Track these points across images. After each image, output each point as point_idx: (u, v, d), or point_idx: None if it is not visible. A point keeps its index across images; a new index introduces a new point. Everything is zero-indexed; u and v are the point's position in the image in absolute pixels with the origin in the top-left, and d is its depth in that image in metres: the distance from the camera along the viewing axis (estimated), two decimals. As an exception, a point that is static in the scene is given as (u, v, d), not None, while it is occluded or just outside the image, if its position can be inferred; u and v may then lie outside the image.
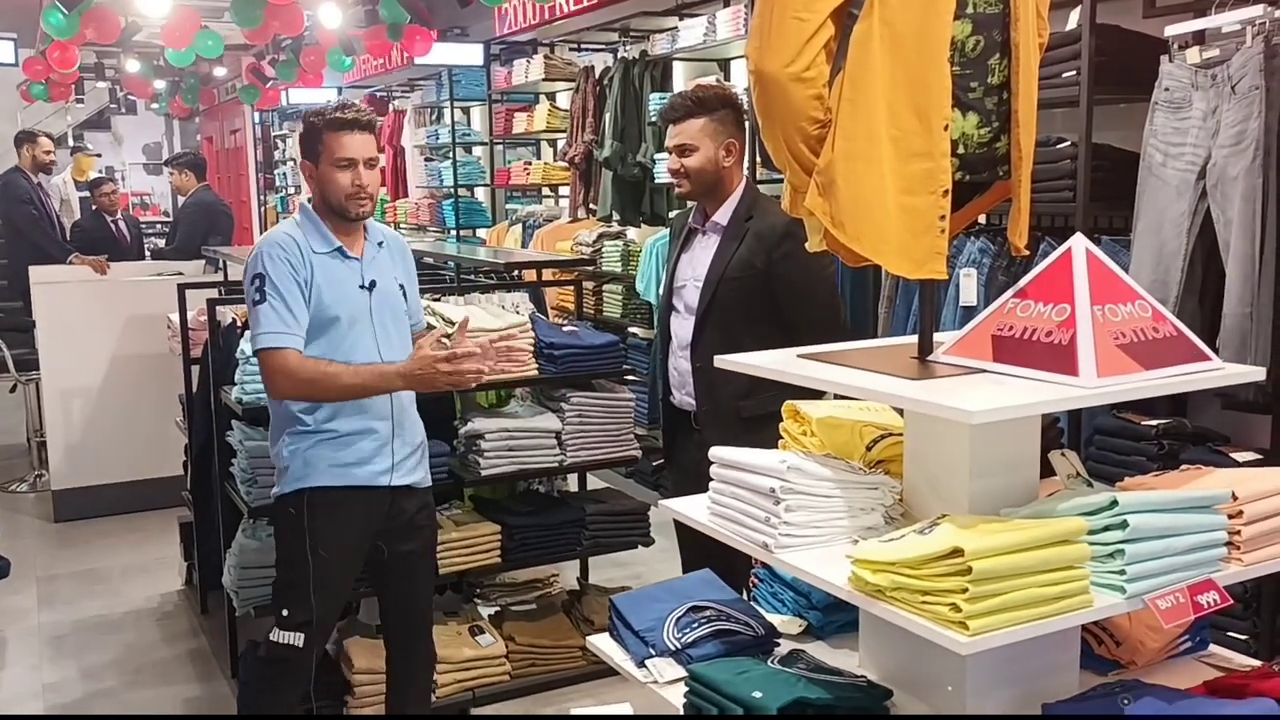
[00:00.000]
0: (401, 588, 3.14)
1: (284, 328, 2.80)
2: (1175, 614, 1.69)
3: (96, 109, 17.02)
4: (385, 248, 3.06)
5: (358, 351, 2.90)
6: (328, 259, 2.92)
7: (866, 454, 2.07)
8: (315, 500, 2.92)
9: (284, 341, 2.80)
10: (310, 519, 2.91)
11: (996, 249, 3.80)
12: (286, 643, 2.92)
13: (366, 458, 2.94)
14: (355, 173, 2.89)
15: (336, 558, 2.95)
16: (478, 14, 7.77)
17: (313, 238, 2.92)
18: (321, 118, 2.93)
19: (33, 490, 6.84)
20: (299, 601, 2.91)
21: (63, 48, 8.13)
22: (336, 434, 2.92)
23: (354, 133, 2.90)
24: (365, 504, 2.97)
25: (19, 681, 4.28)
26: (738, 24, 5.27)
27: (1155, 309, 1.86)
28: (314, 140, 2.92)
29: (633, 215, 6.49)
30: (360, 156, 2.90)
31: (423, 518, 3.13)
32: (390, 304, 3.00)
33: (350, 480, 2.93)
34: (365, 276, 2.96)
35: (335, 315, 2.88)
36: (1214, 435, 3.31)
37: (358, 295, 2.94)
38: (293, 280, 2.83)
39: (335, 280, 2.91)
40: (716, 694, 1.88)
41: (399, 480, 3.01)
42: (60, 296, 6.26)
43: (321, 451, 2.91)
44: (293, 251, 2.86)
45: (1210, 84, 3.14)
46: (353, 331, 2.90)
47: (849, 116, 1.86)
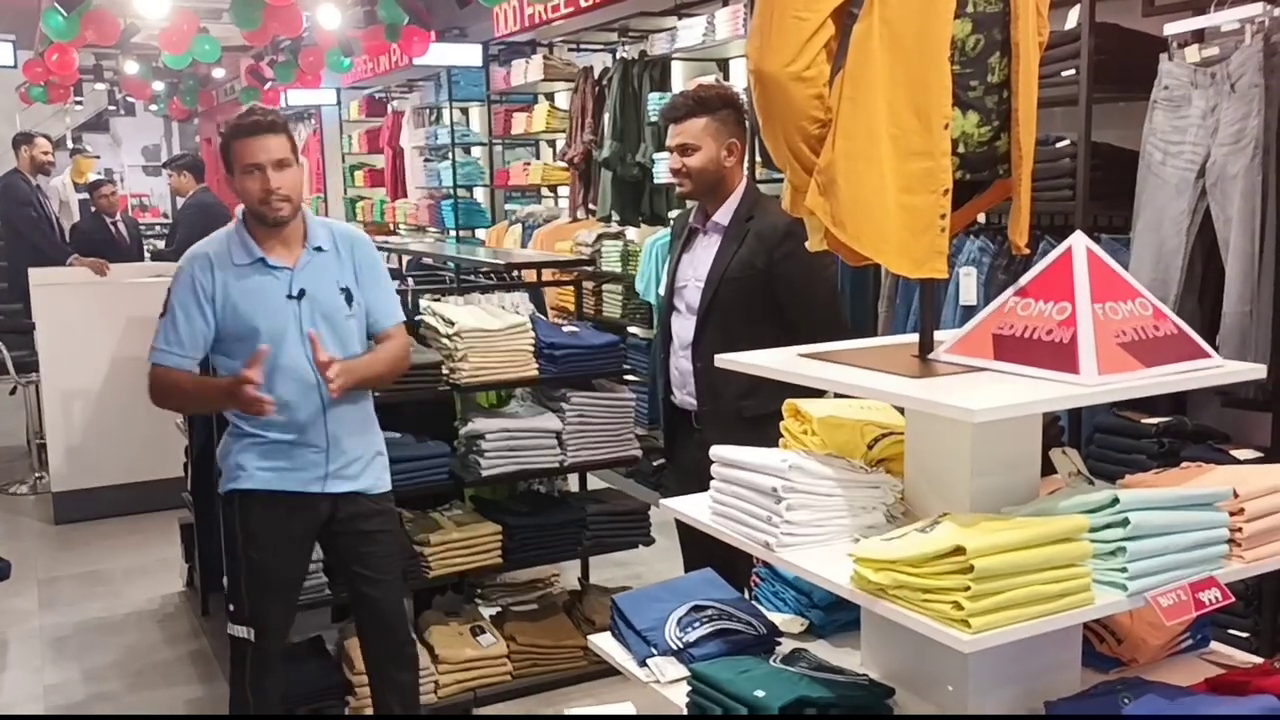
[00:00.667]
0: (367, 593, 3.13)
1: (164, 346, 2.90)
2: (1177, 611, 1.69)
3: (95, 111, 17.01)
4: (330, 252, 3.00)
5: (282, 361, 2.89)
6: (247, 270, 2.91)
7: (868, 453, 2.08)
8: (246, 502, 2.97)
9: (159, 359, 2.90)
10: (242, 520, 2.97)
11: (996, 248, 3.80)
12: (238, 636, 3.00)
13: (296, 464, 2.95)
14: (263, 177, 2.84)
15: (269, 559, 2.99)
16: (476, 14, 7.77)
17: (236, 249, 2.93)
18: (227, 126, 2.94)
19: (33, 492, 6.84)
20: (240, 599, 2.99)
21: (62, 50, 8.14)
22: (266, 440, 2.94)
23: (259, 136, 2.85)
24: (295, 508, 2.98)
25: (20, 683, 4.28)
26: (736, 24, 5.27)
27: (1156, 307, 1.86)
28: (226, 151, 2.91)
29: (632, 215, 6.49)
30: (267, 160, 2.84)
31: (378, 523, 3.10)
32: (324, 311, 2.94)
33: (278, 485, 2.95)
34: (294, 286, 2.93)
35: (253, 326, 2.89)
36: (1214, 433, 3.31)
37: (282, 306, 2.91)
38: (192, 300, 2.88)
39: (254, 292, 2.90)
40: (719, 693, 1.88)
41: (334, 488, 3.00)
42: (60, 298, 6.26)
43: (251, 455, 2.95)
44: (202, 266, 2.90)
45: (1209, 82, 3.14)
46: (274, 343, 2.88)
47: (849, 115, 1.86)
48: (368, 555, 3.09)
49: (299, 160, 2.95)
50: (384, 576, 3.13)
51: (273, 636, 3.05)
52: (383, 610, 3.15)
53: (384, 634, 3.18)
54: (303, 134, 13.68)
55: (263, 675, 3.04)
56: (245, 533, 2.97)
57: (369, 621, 3.18)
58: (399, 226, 10.65)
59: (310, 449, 2.95)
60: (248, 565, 2.98)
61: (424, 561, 3.83)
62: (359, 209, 11.99)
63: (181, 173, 8.03)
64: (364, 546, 3.08)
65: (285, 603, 3.09)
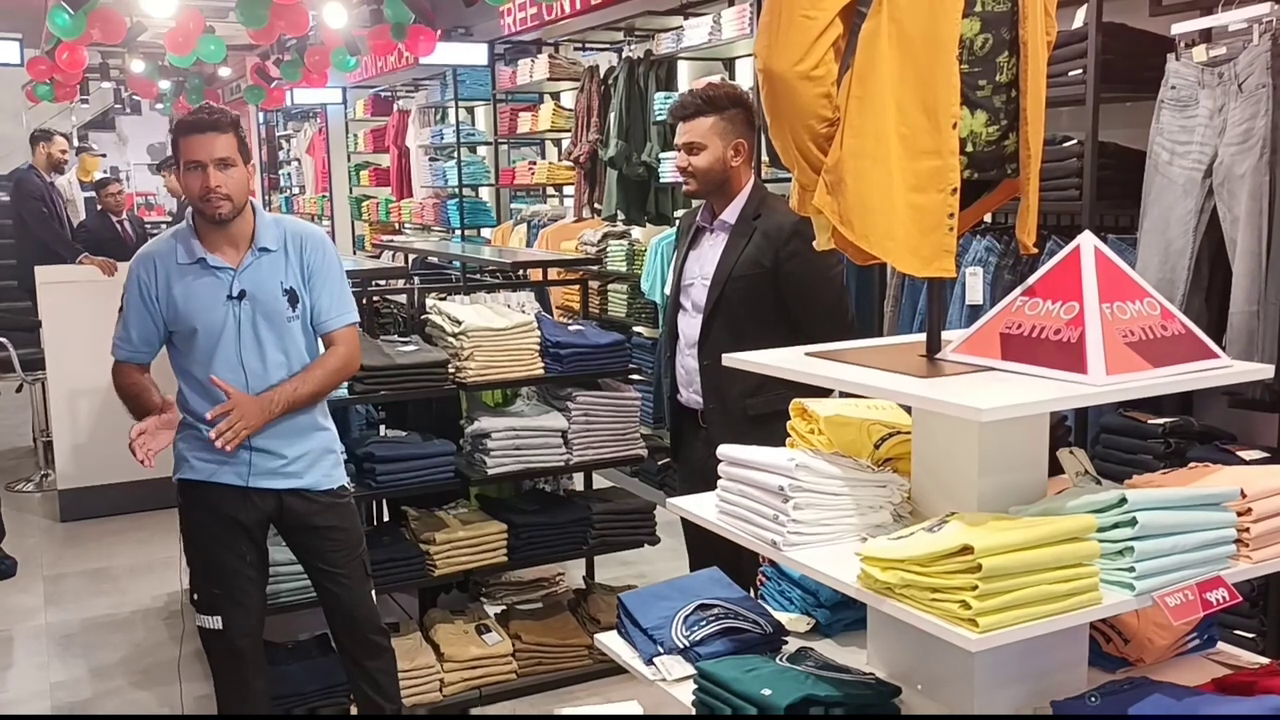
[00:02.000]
0: (328, 587, 3.17)
1: (120, 342, 3.03)
2: (1184, 611, 1.69)
3: (101, 109, 17.05)
4: (277, 253, 2.99)
5: (218, 361, 2.94)
6: (188, 269, 2.94)
7: (874, 452, 2.08)
8: (185, 491, 3.06)
9: (116, 353, 3.04)
10: (185, 509, 3.07)
11: (1002, 247, 3.80)
12: (206, 626, 3.07)
13: (228, 460, 2.97)
14: (204, 175, 2.85)
15: (207, 546, 3.05)
16: (482, 13, 7.77)
17: (181, 248, 2.97)
18: (176, 122, 3.00)
19: (39, 490, 6.85)
20: (200, 587, 3.07)
21: (71, 48, 8.14)
22: (201, 432, 2.96)
23: (203, 134, 2.85)
24: (230, 501, 3.02)
25: (26, 680, 4.29)
26: (742, 23, 5.27)
27: (1164, 307, 1.86)
28: (175, 148, 2.96)
29: (637, 215, 6.49)
30: (208, 158, 2.84)
31: (327, 518, 3.11)
32: (265, 312, 2.95)
33: (214, 477, 3.01)
34: (235, 286, 2.94)
35: (192, 326, 2.94)
36: (1220, 433, 3.31)
37: (220, 306, 2.93)
38: (139, 298, 2.96)
39: (194, 292, 2.94)
40: (725, 691, 1.88)
41: (269, 484, 3.02)
42: (66, 296, 6.27)
43: (193, 446, 3.01)
44: (147, 266, 2.97)
45: (1217, 82, 3.14)
46: (211, 342, 2.93)
47: (857, 115, 1.86)
48: (323, 551, 3.13)
49: (246, 160, 2.95)
50: (340, 570, 3.15)
51: (239, 626, 3.07)
52: (343, 602, 3.18)
53: (349, 625, 3.22)
54: (308, 133, 13.70)
55: (237, 666, 3.09)
56: (190, 522, 3.06)
57: (334, 615, 3.23)
58: (404, 225, 10.66)
59: (241, 448, 2.93)
60: (193, 554, 3.06)
61: (429, 560, 3.84)
62: (364, 208, 12.00)
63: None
64: (317, 542, 3.13)
65: (245, 592, 3.08)
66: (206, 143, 2.84)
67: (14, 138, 13.76)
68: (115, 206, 8.52)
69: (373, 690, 3.24)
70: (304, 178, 14.09)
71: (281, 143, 15.10)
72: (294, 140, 14.47)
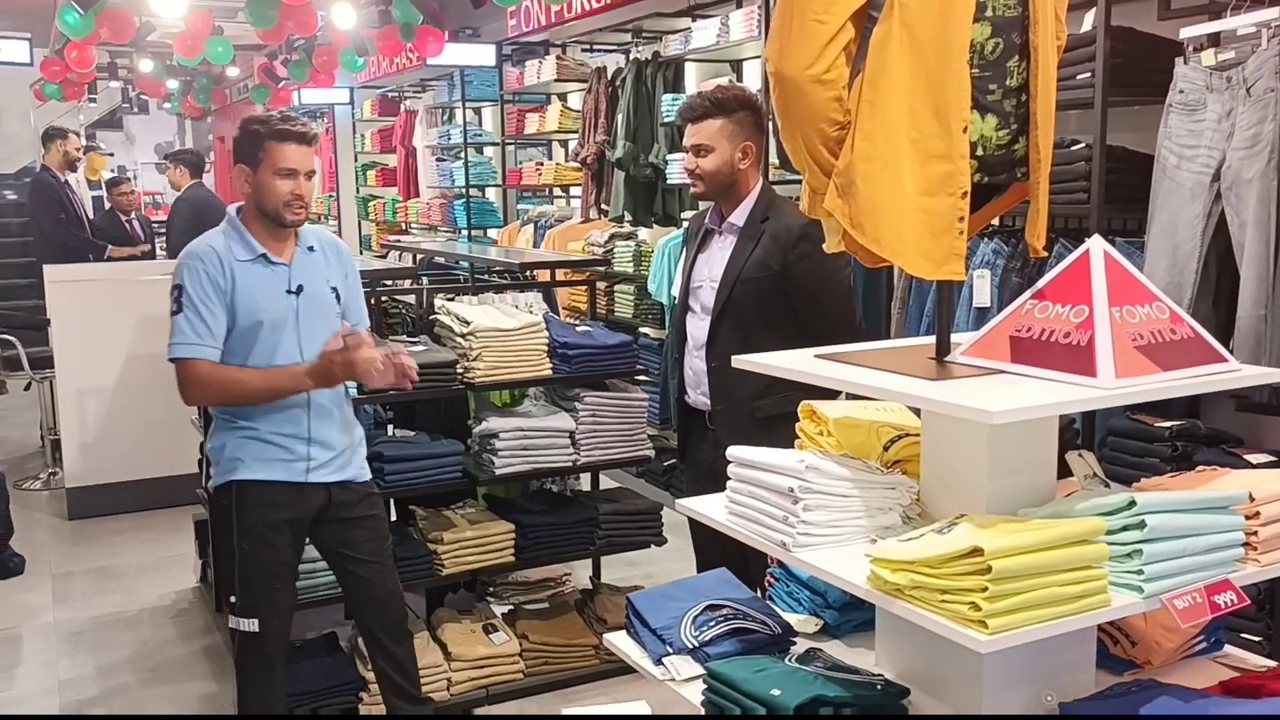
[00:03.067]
0: (356, 572, 3.20)
1: (196, 339, 2.93)
2: (1192, 614, 1.70)
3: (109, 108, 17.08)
4: (318, 252, 3.11)
5: (279, 354, 2.99)
6: (250, 266, 2.99)
7: (884, 454, 2.09)
8: (243, 493, 3.03)
9: (195, 353, 2.93)
10: (238, 510, 3.03)
11: (1010, 250, 3.80)
12: (242, 629, 3.06)
13: (286, 456, 3.03)
14: (296, 182, 2.97)
15: (262, 549, 3.05)
16: (490, 14, 7.79)
17: (236, 245, 3.00)
18: (266, 125, 3.00)
19: (47, 488, 6.87)
20: (239, 589, 3.05)
21: (79, 47, 8.16)
22: (259, 432, 3.01)
23: (301, 146, 2.99)
24: (288, 499, 3.05)
25: (35, 678, 4.31)
26: (751, 25, 5.27)
27: (1173, 310, 1.87)
28: (255, 146, 2.99)
29: (644, 216, 6.50)
30: (301, 168, 2.98)
31: (363, 508, 3.19)
32: (319, 308, 3.06)
33: (272, 475, 3.03)
34: (292, 281, 3.03)
35: (258, 320, 2.97)
36: (1228, 437, 3.31)
37: (282, 301, 3.01)
38: (210, 292, 2.94)
39: (258, 286, 2.99)
40: (735, 691, 1.89)
41: (321, 477, 3.07)
42: (74, 295, 6.29)
43: (247, 447, 3.02)
44: (212, 263, 2.96)
45: (1225, 86, 3.14)
46: (275, 335, 2.99)
47: (868, 118, 1.87)
48: (360, 541, 3.17)
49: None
50: (374, 559, 3.20)
51: (276, 629, 3.10)
52: (377, 591, 3.22)
53: (381, 613, 3.24)
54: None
55: (268, 669, 3.10)
56: (241, 524, 3.04)
57: (366, 604, 3.25)
58: (411, 226, 10.68)
59: (299, 441, 3.03)
60: (241, 556, 3.04)
61: (437, 559, 3.86)
62: (371, 208, 12.02)
63: (178, 167, 8.10)
64: (355, 533, 3.17)
65: (283, 594, 3.13)
66: (304, 155, 2.99)
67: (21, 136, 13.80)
68: (125, 206, 8.56)
69: (401, 677, 3.27)
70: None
71: (288, 142, 15.10)
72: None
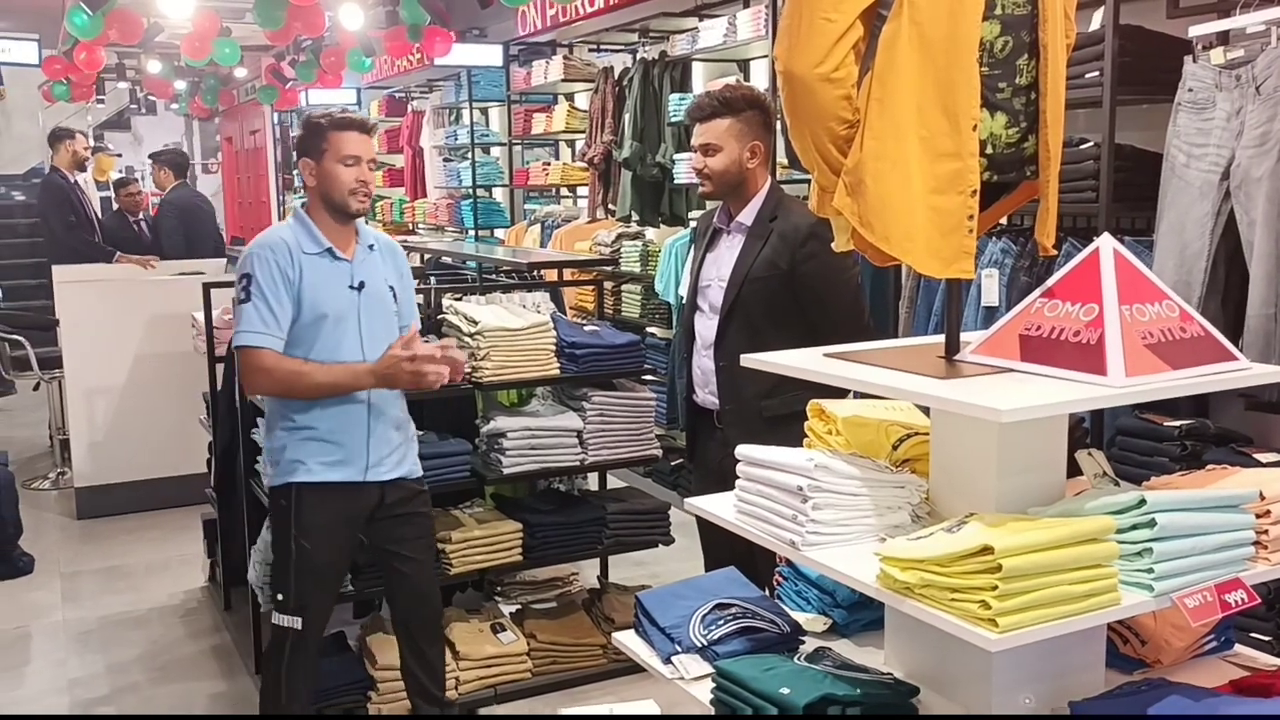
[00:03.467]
0: (400, 569, 3.25)
1: (263, 328, 2.97)
2: (1203, 612, 1.70)
3: (117, 109, 17.12)
4: (376, 250, 3.19)
5: (342, 349, 3.05)
6: (317, 259, 3.05)
7: (892, 453, 2.08)
8: (302, 493, 3.06)
9: (261, 341, 2.97)
10: (297, 510, 3.06)
11: (1019, 249, 3.80)
12: (285, 625, 3.09)
13: (348, 455, 3.07)
14: (360, 169, 3.05)
15: (319, 547, 3.08)
16: (497, 15, 7.79)
17: (304, 239, 3.06)
18: (327, 117, 3.09)
19: (55, 488, 6.90)
20: (289, 588, 3.08)
21: (88, 48, 8.18)
22: (319, 432, 3.05)
23: (362, 134, 3.09)
24: (349, 498, 3.10)
25: (44, 677, 4.32)
26: (758, 24, 5.27)
27: (1183, 309, 1.86)
28: (318, 138, 3.07)
29: (651, 216, 6.50)
30: (364, 155, 3.07)
31: (415, 505, 3.26)
32: (379, 304, 3.13)
33: (331, 475, 3.06)
34: (355, 277, 3.09)
35: (323, 313, 3.02)
36: (1237, 436, 3.31)
37: (346, 295, 3.07)
38: (279, 282, 2.98)
39: (324, 280, 3.04)
40: (744, 690, 1.89)
41: (379, 476, 3.12)
42: (83, 295, 6.31)
43: (307, 448, 3.05)
44: (282, 253, 3.01)
45: (1234, 85, 3.14)
46: (338, 329, 3.04)
47: (878, 116, 1.87)
48: (407, 538, 3.23)
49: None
50: (419, 556, 3.26)
51: (316, 626, 3.14)
52: (419, 587, 3.27)
53: (420, 610, 3.29)
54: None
55: (302, 665, 3.13)
56: (300, 524, 3.06)
57: (405, 600, 3.29)
58: (418, 226, 10.69)
59: (359, 440, 3.08)
60: (298, 553, 3.06)
61: (445, 558, 3.85)
62: (378, 208, 12.03)
63: (163, 168, 8.13)
64: (404, 529, 3.22)
65: (331, 592, 3.19)
66: (365, 143, 3.09)
67: (30, 137, 13.86)
68: (133, 206, 8.58)
69: (428, 679, 3.32)
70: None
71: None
72: (308, 141, 14.49)
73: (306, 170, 3.09)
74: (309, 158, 3.08)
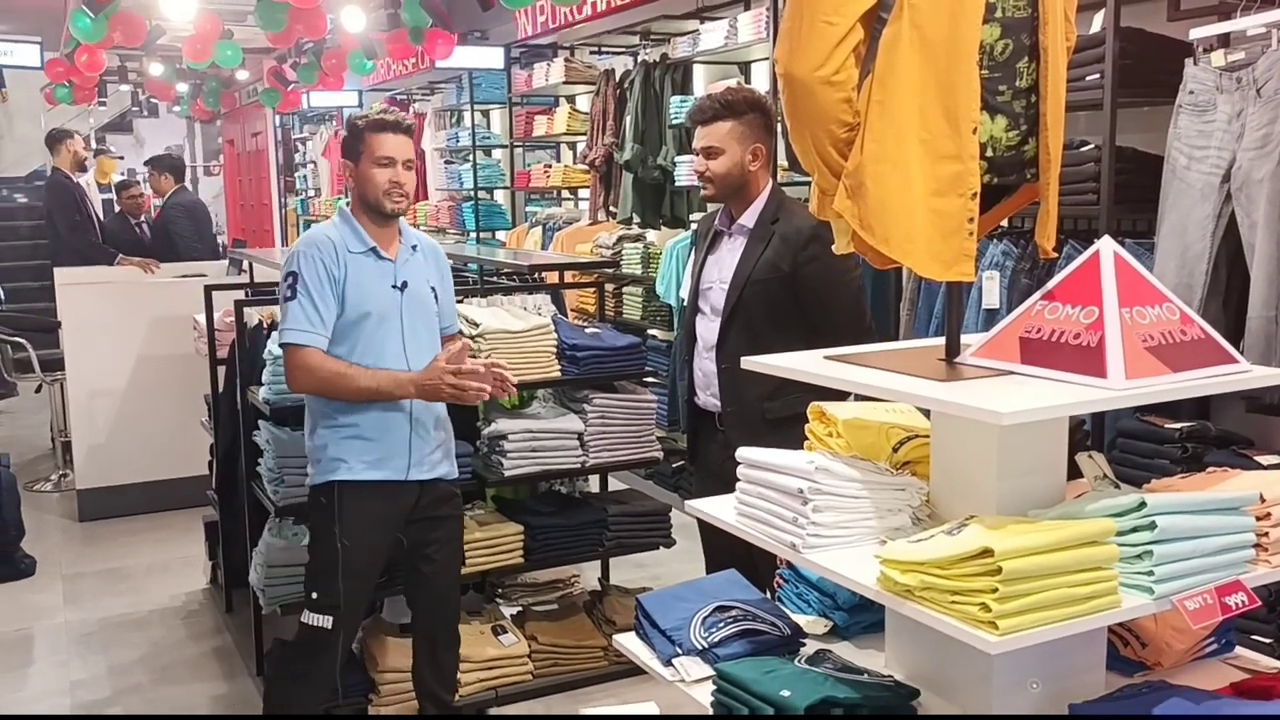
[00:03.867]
0: (424, 569, 3.26)
1: (310, 326, 2.98)
2: (1203, 615, 1.70)
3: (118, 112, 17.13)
4: (419, 251, 3.22)
5: (386, 349, 3.07)
6: (362, 258, 3.07)
7: (893, 455, 2.09)
8: (344, 492, 3.07)
9: (308, 339, 2.98)
10: (340, 509, 3.06)
11: (1019, 251, 3.80)
12: (315, 624, 3.08)
13: (390, 454, 3.09)
14: (394, 170, 3.07)
15: (361, 546, 3.09)
16: (498, 17, 7.80)
17: (349, 238, 3.08)
18: (365, 119, 3.12)
19: (57, 490, 6.90)
20: (327, 586, 3.07)
21: (90, 51, 8.19)
22: (362, 430, 3.06)
23: (397, 135, 3.09)
24: (390, 497, 3.12)
25: (46, 678, 4.33)
26: (759, 27, 5.28)
27: (1183, 311, 1.87)
28: (357, 140, 3.09)
29: (653, 218, 6.50)
30: (399, 157, 3.08)
31: (448, 508, 3.28)
32: (421, 305, 3.15)
33: (375, 474, 3.08)
34: (398, 277, 3.11)
35: (366, 312, 3.04)
36: (1238, 438, 3.30)
37: (389, 295, 3.09)
38: (325, 281, 3.00)
39: (368, 279, 3.06)
40: (744, 692, 1.89)
41: (419, 475, 3.15)
42: (85, 297, 6.32)
43: (351, 446, 3.06)
44: (328, 252, 3.02)
45: (1235, 87, 3.14)
46: (382, 329, 3.06)
47: (878, 119, 1.87)
48: (437, 540, 3.25)
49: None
50: (443, 559, 3.29)
51: (348, 628, 3.16)
52: (442, 589, 3.30)
53: (440, 613, 3.32)
54: (324, 136, 13.76)
55: (320, 665, 3.14)
56: (341, 521, 3.06)
57: (426, 603, 3.31)
58: (419, 228, 10.68)
59: (401, 440, 3.10)
60: (343, 552, 3.06)
61: (446, 561, 3.86)
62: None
63: (164, 174, 8.17)
64: (435, 531, 3.25)
65: (366, 593, 3.21)
66: (401, 144, 3.10)
67: (32, 139, 13.86)
68: (134, 209, 8.60)
69: (439, 681, 3.34)
70: (320, 180, 14.15)
71: (297, 145, 15.15)
72: (310, 143, 14.52)
73: (347, 171, 3.12)
74: (349, 159, 3.11)
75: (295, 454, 3.73)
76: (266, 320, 4.18)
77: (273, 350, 3.72)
